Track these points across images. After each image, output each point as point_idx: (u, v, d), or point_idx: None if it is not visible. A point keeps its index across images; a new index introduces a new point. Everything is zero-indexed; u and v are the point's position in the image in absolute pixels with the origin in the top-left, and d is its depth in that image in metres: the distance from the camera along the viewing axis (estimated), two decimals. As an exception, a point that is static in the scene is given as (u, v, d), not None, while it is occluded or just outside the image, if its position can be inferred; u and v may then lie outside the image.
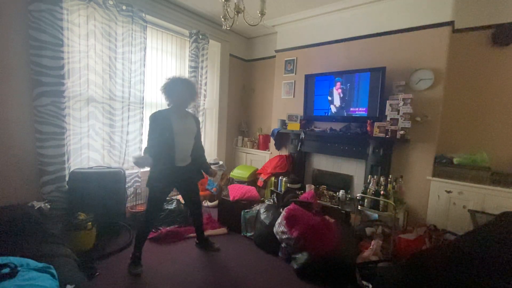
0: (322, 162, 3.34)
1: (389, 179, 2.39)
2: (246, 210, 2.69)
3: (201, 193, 3.10)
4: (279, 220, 2.27)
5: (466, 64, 2.62)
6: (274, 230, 2.26)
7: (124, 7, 2.64)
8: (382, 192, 2.29)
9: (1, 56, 2.03)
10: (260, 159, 3.97)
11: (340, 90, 2.98)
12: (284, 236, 2.15)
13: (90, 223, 2.12)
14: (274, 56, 3.82)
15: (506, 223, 1.32)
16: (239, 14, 1.91)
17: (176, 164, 2.01)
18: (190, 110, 2.13)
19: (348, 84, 2.91)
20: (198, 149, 2.18)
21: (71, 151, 2.47)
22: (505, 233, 1.25)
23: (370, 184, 2.40)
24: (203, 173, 2.28)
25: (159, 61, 3.36)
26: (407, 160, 2.68)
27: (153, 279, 1.88)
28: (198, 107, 3.57)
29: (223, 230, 2.73)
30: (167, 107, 2.06)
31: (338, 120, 3.04)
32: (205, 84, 3.67)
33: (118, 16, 2.63)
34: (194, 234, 2.57)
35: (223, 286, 1.86)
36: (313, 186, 2.98)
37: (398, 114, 2.52)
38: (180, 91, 1.98)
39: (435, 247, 1.87)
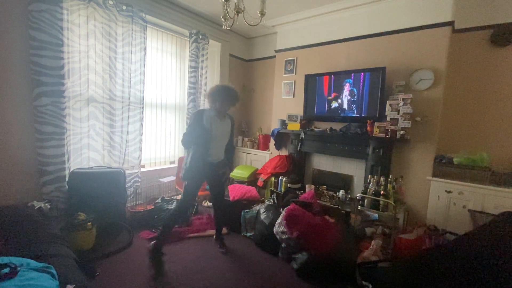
0: (322, 162, 3.34)
1: (389, 179, 2.39)
2: (246, 210, 2.69)
3: (201, 193, 3.11)
4: (279, 220, 2.27)
5: (466, 64, 2.62)
6: (274, 230, 2.26)
7: (124, 7, 2.65)
8: (382, 192, 2.29)
9: (1, 56, 2.03)
10: (260, 159, 3.97)
11: (340, 90, 2.98)
12: (284, 236, 2.15)
13: (90, 223, 2.12)
14: (274, 56, 3.82)
15: (506, 223, 1.32)
16: (239, 14, 1.91)
17: (211, 161, 2.18)
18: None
19: (348, 84, 2.91)
20: (228, 147, 2.33)
21: (71, 151, 2.47)
22: (505, 233, 1.26)
23: (370, 184, 2.40)
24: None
25: (159, 61, 3.36)
26: (407, 160, 2.68)
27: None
28: (198, 107, 3.58)
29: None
30: (209, 108, 2.22)
31: (338, 120, 3.04)
32: (205, 84, 3.67)
33: (118, 16, 2.63)
34: (194, 234, 2.59)
35: (223, 286, 1.86)
36: (313, 186, 2.98)
37: (398, 114, 2.52)
38: (224, 99, 2.15)
39: (435, 247, 1.88)
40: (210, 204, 3.42)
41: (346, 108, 2.95)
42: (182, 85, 3.68)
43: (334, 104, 3.05)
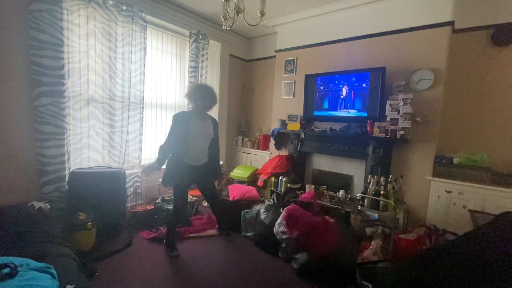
0: (322, 162, 3.34)
1: (389, 179, 2.39)
2: (246, 210, 2.69)
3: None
4: (279, 220, 2.27)
5: (466, 64, 2.62)
6: (274, 230, 2.26)
7: (124, 7, 2.64)
8: (382, 192, 2.29)
9: (1, 56, 2.03)
10: (260, 159, 3.97)
11: (340, 90, 2.98)
12: (284, 236, 2.15)
13: (90, 223, 2.12)
14: (274, 56, 3.82)
15: (506, 223, 1.32)
16: (239, 14, 1.91)
17: (190, 163, 2.19)
18: (209, 113, 2.38)
19: (348, 84, 2.91)
20: (213, 150, 2.36)
21: (71, 151, 2.47)
22: (505, 233, 1.26)
23: (370, 184, 2.40)
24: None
25: (159, 61, 3.36)
26: (407, 160, 2.68)
27: (153, 279, 1.88)
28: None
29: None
30: (189, 109, 2.25)
31: (338, 120, 3.04)
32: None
33: (118, 16, 2.62)
34: (194, 234, 2.60)
35: (223, 286, 1.86)
36: (313, 186, 2.98)
37: (398, 114, 2.52)
38: (202, 97, 2.17)
39: (435, 247, 1.88)
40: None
41: (346, 108, 2.95)
42: (182, 85, 3.68)
43: (334, 104, 3.04)
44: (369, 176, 2.52)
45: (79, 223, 2.07)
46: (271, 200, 2.76)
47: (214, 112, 4.02)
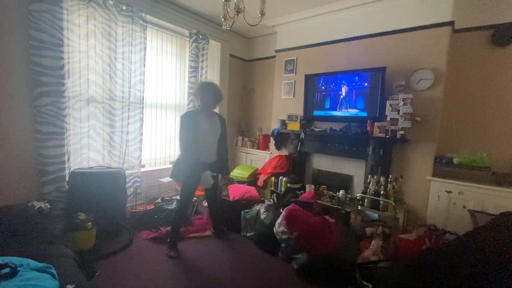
0: (322, 162, 3.34)
1: (389, 179, 2.39)
2: (246, 210, 2.69)
3: (201, 193, 3.11)
4: (279, 220, 2.27)
5: (466, 64, 2.62)
6: (274, 230, 2.26)
7: (124, 7, 2.64)
8: (382, 192, 2.29)
9: (1, 56, 2.03)
10: (260, 159, 3.97)
11: (340, 90, 2.98)
12: (284, 236, 2.15)
13: (90, 223, 2.12)
14: (274, 56, 3.82)
15: (506, 223, 1.32)
16: (239, 14, 1.91)
17: (201, 160, 2.23)
18: (216, 111, 2.42)
19: (348, 84, 2.91)
20: (221, 147, 2.41)
21: (71, 151, 2.47)
22: (505, 233, 1.26)
23: (370, 184, 2.40)
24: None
25: (159, 61, 3.36)
26: (407, 160, 2.68)
27: (153, 278, 1.88)
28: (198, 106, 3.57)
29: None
30: (195, 108, 2.30)
31: (338, 120, 3.04)
32: (205, 84, 3.66)
33: (118, 16, 2.62)
34: (194, 234, 2.60)
35: (223, 286, 1.86)
36: (313, 186, 2.98)
37: (398, 114, 2.52)
38: (206, 93, 2.21)
39: (435, 247, 1.88)
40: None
41: (346, 108, 2.95)
42: (182, 85, 3.68)
43: (334, 104, 3.04)
44: (369, 176, 2.52)
45: (79, 223, 2.07)
46: (271, 200, 2.76)
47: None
